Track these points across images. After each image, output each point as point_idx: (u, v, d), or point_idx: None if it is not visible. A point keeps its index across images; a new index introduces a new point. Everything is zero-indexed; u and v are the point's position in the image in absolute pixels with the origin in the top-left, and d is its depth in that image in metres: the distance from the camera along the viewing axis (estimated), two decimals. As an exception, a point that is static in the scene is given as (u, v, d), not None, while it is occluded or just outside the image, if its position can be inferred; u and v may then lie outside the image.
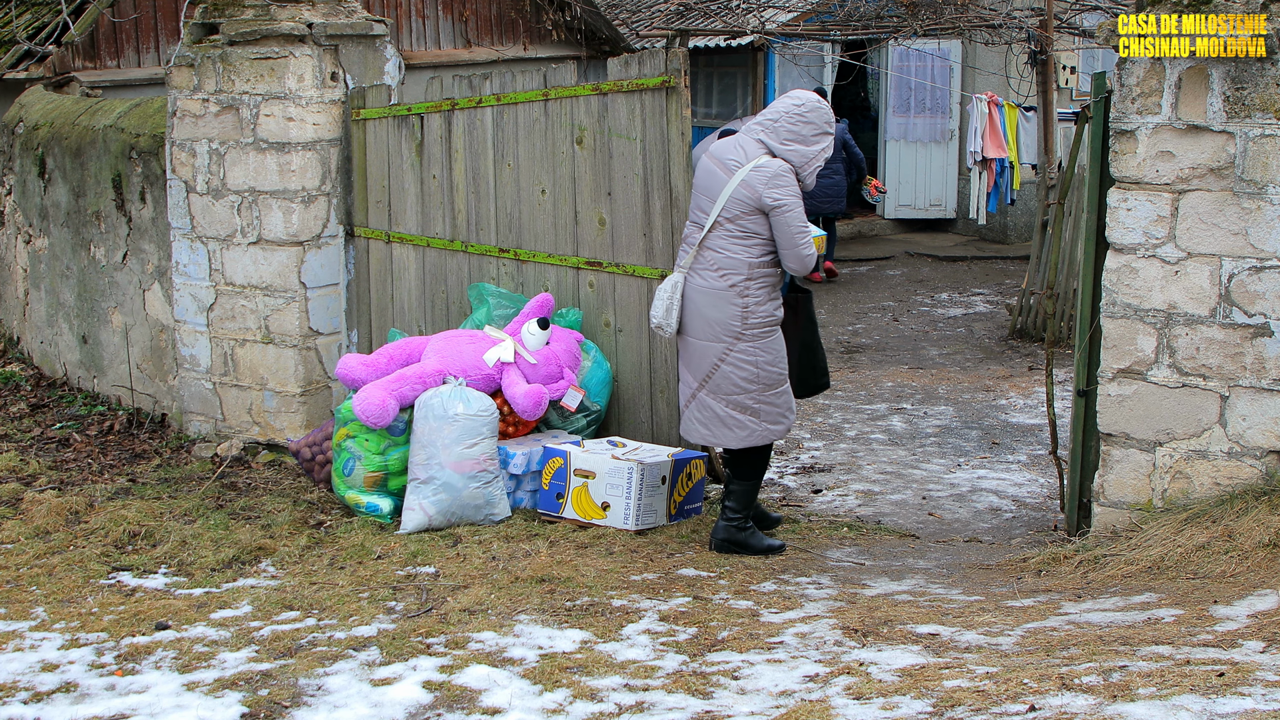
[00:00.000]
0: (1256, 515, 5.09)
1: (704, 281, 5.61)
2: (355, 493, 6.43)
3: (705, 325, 5.63)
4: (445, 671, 4.34)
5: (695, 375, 5.71)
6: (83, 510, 6.44)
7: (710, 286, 5.61)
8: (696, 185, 5.73)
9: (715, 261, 5.60)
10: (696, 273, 5.64)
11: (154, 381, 8.08)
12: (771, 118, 5.66)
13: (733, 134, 5.81)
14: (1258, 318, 5.29)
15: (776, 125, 5.63)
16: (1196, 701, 3.49)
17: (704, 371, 5.68)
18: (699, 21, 15.95)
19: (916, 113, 16.76)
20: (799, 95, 5.77)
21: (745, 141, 5.64)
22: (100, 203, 8.22)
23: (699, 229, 5.64)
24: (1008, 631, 4.53)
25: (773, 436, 5.78)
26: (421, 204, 7.40)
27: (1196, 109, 5.33)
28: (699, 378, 5.70)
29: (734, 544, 5.89)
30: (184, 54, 7.52)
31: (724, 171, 5.59)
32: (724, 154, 5.65)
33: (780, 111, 5.67)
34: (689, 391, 5.75)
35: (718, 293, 5.60)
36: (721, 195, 5.54)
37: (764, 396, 5.69)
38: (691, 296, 5.65)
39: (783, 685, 4.09)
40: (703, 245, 5.60)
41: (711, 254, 5.60)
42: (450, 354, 6.58)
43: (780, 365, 5.75)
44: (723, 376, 5.65)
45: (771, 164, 5.55)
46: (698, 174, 5.74)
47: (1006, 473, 7.69)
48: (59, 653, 4.71)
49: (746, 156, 5.58)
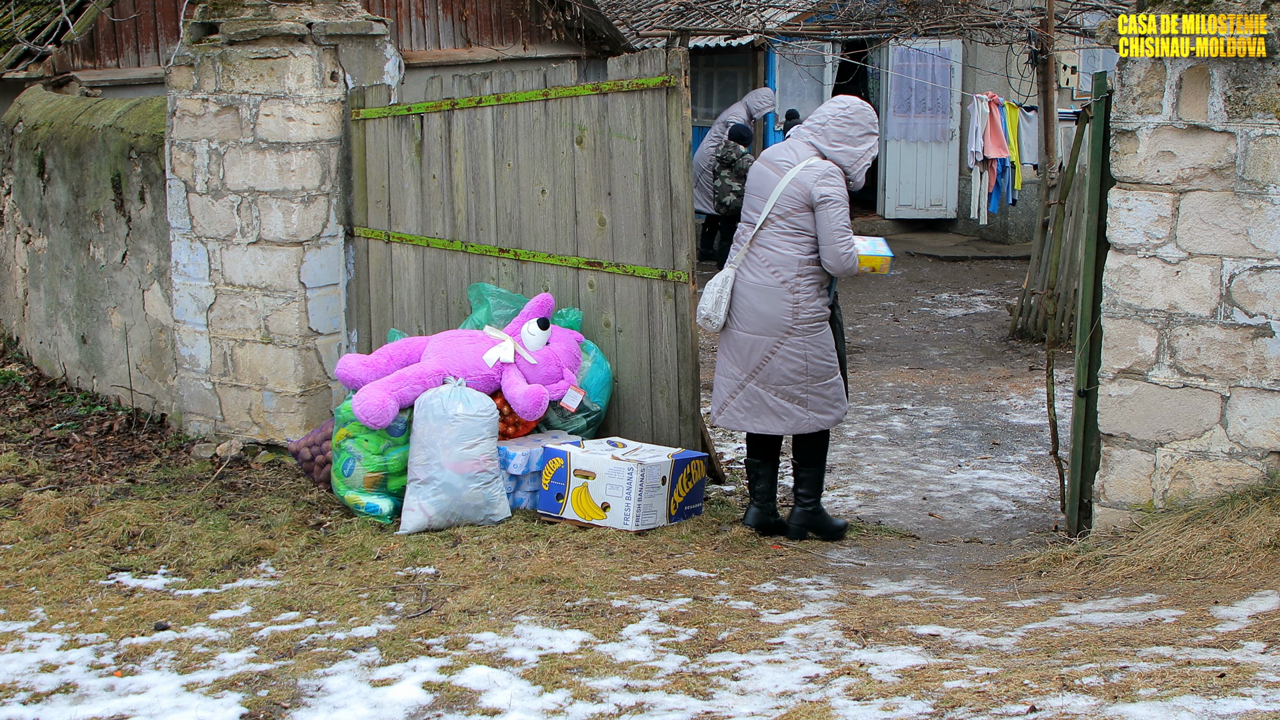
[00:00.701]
0: (1257, 516, 5.09)
1: (755, 278, 5.86)
2: (355, 493, 6.42)
3: (757, 319, 5.87)
4: (445, 672, 4.34)
5: (743, 367, 5.94)
6: (82, 511, 6.43)
7: (762, 282, 5.85)
8: (749, 187, 5.99)
9: (767, 258, 5.84)
10: (748, 269, 5.88)
11: (153, 382, 8.07)
12: (820, 121, 5.95)
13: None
14: (1259, 318, 5.29)
15: (825, 128, 5.92)
16: (1197, 702, 3.49)
17: (754, 363, 5.91)
18: (699, 21, 15.94)
19: (917, 113, 16.76)
20: (844, 100, 6.06)
21: (796, 144, 5.93)
22: (99, 203, 8.21)
23: (751, 227, 5.87)
24: (1008, 632, 4.52)
25: (820, 425, 6.01)
26: (421, 204, 7.40)
27: (1197, 109, 5.32)
28: (748, 370, 5.93)
29: (811, 528, 6.19)
30: (183, 54, 7.51)
31: (775, 172, 5.86)
32: (775, 156, 5.94)
33: (827, 115, 5.96)
34: (734, 383, 5.97)
35: (770, 288, 5.84)
36: (773, 193, 5.80)
37: (812, 388, 5.94)
38: (742, 292, 5.89)
39: (783, 686, 4.09)
40: (754, 242, 5.84)
41: (763, 251, 5.85)
42: (450, 354, 6.57)
43: (830, 358, 5.99)
44: (773, 369, 5.89)
45: (822, 164, 5.84)
46: (750, 176, 6.02)
47: (1007, 473, 7.68)
48: (58, 653, 4.71)
49: (798, 157, 5.87)
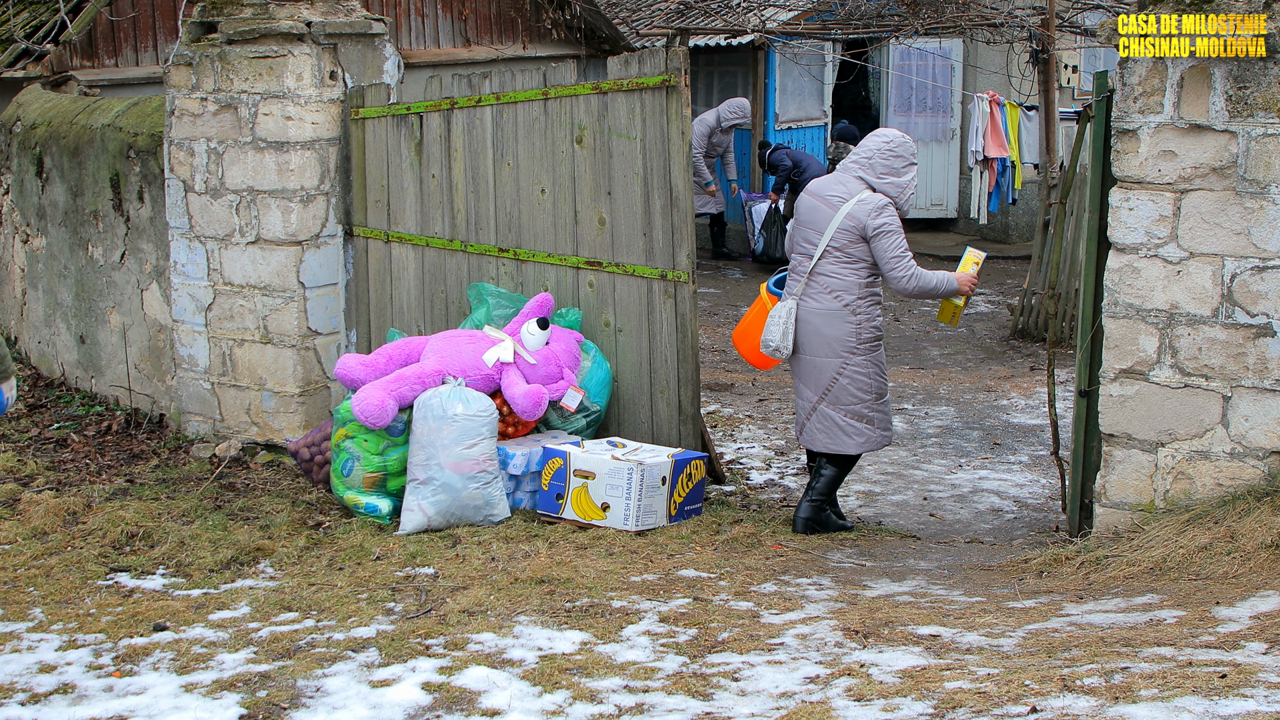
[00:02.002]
0: (1259, 516, 5.08)
1: (819, 304, 6.17)
2: (354, 493, 6.41)
3: (823, 343, 6.18)
4: (444, 673, 4.33)
5: (814, 390, 6.24)
6: (80, 511, 6.42)
7: (826, 308, 6.16)
8: (801, 219, 6.26)
9: (829, 285, 6.16)
10: (810, 297, 6.19)
11: (152, 381, 8.06)
12: (866, 156, 6.23)
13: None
14: (1260, 318, 5.28)
15: (871, 162, 6.21)
16: (1199, 703, 3.48)
17: (823, 385, 6.22)
18: (699, 20, 15.93)
19: (918, 112, 16.74)
20: (887, 133, 6.34)
21: (845, 179, 6.22)
22: (98, 202, 8.20)
23: (808, 258, 6.18)
24: (1009, 633, 4.51)
25: (885, 442, 6.39)
26: (421, 203, 7.39)
27: (1199, 108, 5.31)
28: (818, 391, 6.23)
29: (816, 523, 6.31)
30: (182, 53, 7.50)
31: (828, 207, 6.16)
32: (826, 190, 6.21)
33: (873, 149, 6.24)
34: (809, 405, 6.28)
35: (833, 313, 6.15)
36: (829, 227, 6.11)
37: (876, 406, 6.28)
38: (807, 319, 6.20)
39: (783, 687, 4.08)
40: (814, 273, 6.17)
41: (824, 279, 6.17)
42: (449, 354, 6.56)
43: (884, 376, 6.36)
44: (841, 389, 6.20)
45: (872, 198, 6.14)
46: (801, 209, 6.28)
47: (1008, 473, 7.67)
48: (57, 654, 4.71)
49: (849, 192, 6.16)
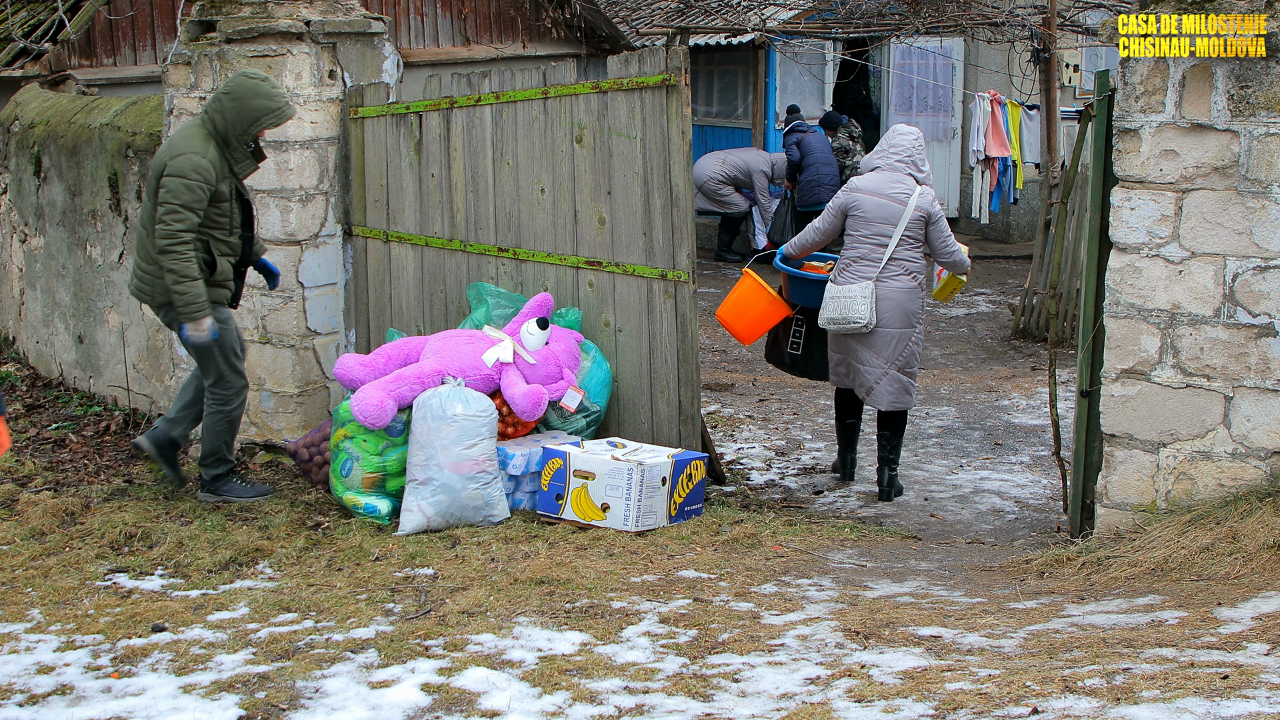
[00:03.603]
0: (1261, 517, 5.07)
1: (900, 284, 6.95)
2: (353, 494, 6.40)
3: (904, 316, 6.96)
4: (444, 674, 4.33)
5: (887, 358, 6.96)
6: (79, 511, 6.41)
7: (905, 286, 6.97)
8: (869, 215, 6.98)
9: (905, 267, 6.97)
10: (891, 278, 6.94)
11: (150, 382, 8.04)
12: (906, 155, 7.09)
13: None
14: (1262, 318, 5.27)
15: (912, 158, 7.10)
16: (1200, 704, 3.48)
17: (898, 352, 6.97)
18: (699, 19, 15.92)
19: (919, 111, 16.72)
20: (908, 130, 7.22)
21: (898, 177, 7.04)
22: (96, 202, 8.19)
23: (882, 247, 6.94)
24: (1010, 634, 4.50)
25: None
26: (420, 203, 7.37)
27: (1200, 107, 5.30)
28: (891, 359, 6.97)
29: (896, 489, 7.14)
30: (181, 52, 7.48)
31: (896, 203, 6.98)
32: (887, 189, 7.01)
33: (909, 147, 7.11)
34: (879, 372, 6.98)
35: (912, 290, 6.99)
36: (903, 219, 6.94)
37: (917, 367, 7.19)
38: (889, 296, 6.93)
39: (784, 688, 4.07)
40: (891, 258, 6.94)
41: (901, 262, 6.97)
42: (449, 354, 6.55)
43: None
44: (910, 354, 7.02)
45: (927, 190, 7.07)
46: (866, 206, 7.00)
47: (1009, 474, 7.66)
48: (55, 655, 4.70)
49: (908, 188, 7.00)
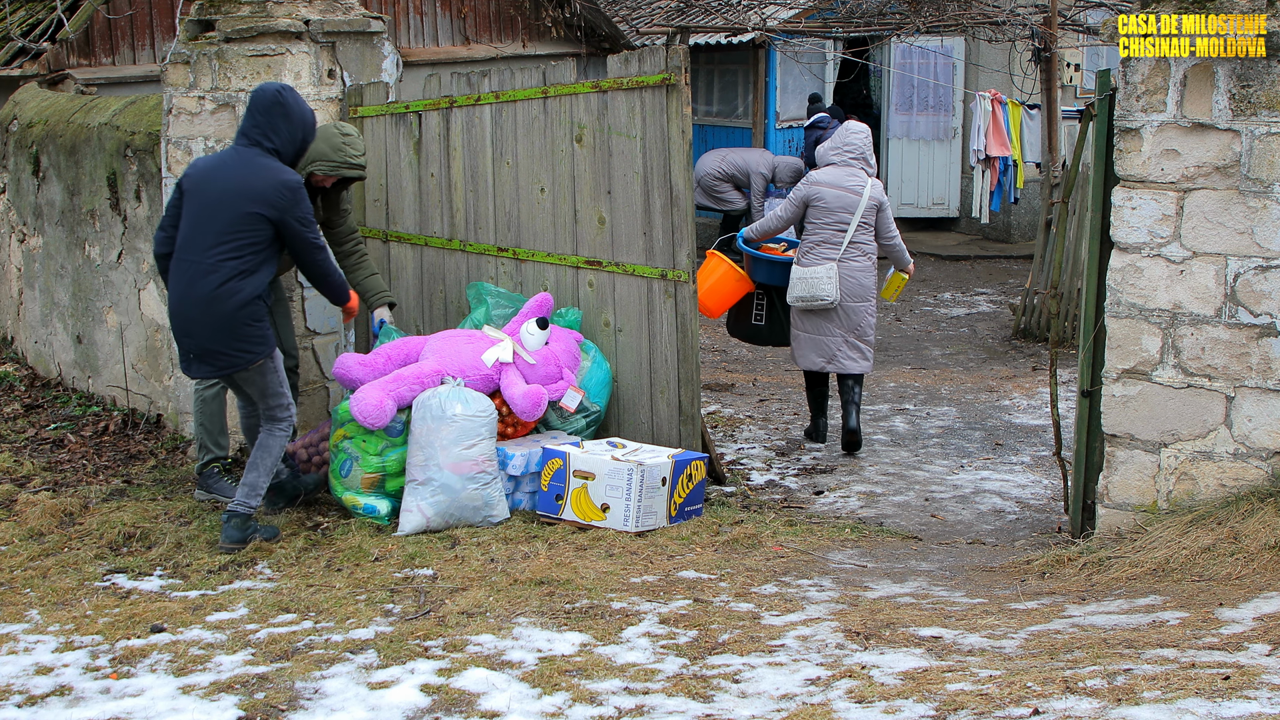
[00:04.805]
0: (1262, 517, 5.06)
1: (859, 264, 7.95)
2: (352, 494, 6.38)
3: (862, 290, 7.95)
4: (443, 674, 4.32)
5: (847, 329, 7.95)
6: (77, 512, 6.40)
7: (864, 266, 7.97)
8: (830, 205, 7.90)
9: (862, 249, 7.96)
10: (850, 260, 7.92)
11: (149, 382, 8.03)
12: (860, 150, 8.03)
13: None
14: (1264, 317, 5.25)
15: (863, 154, 8.04)
16: (1202, 705, 3.47)
17: (856, 323, 7.96)
18: (700, 18, 15.91)
19: (919, 110, 16.71)
20: (858, 126, 8.15)
21: (853, 171, 7.99)
22: (95, 201, 8.17)
23: (842, 232, 7.89)
24: (1011, 634, 4.49)
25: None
26: (419, 203, 7.36)
27: (1202, 107, 5.28)
28: (850, 329, 7.95)
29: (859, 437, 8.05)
30: (180, 51, 7.46)
31: (853, 194, 7.92)
32: (844, 181, 7.96)
33: (859, 145, 8.04)
34: (839, 340, 7.95)
35: (868, 269, 7.99)
36: (859, 207, 7.90)
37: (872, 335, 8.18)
38: (850, 275, 7.92)
39: (784, 688, 4.07)
40: (851, 242, 7.90)
41: (859, 245, 7.95)
42: (448, 354, 6.54)
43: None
44: (866, 324, 8.01)
45: (876, 182, 8.06)
46: (828, 198, 7.92)
47: (1010, 474, 7.65)
48: (53, 656, 4.69)
49: (862, 180, 7.96)
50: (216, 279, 5.67)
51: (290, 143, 5.85)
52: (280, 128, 5.81)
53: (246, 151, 5.82)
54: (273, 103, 5.83)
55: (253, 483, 5.91)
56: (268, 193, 5.71)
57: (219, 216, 5.71)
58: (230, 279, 5.68)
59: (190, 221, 5.76)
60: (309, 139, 5.94)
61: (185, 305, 5.75)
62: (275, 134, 5.81)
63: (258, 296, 5.74)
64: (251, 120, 5.84)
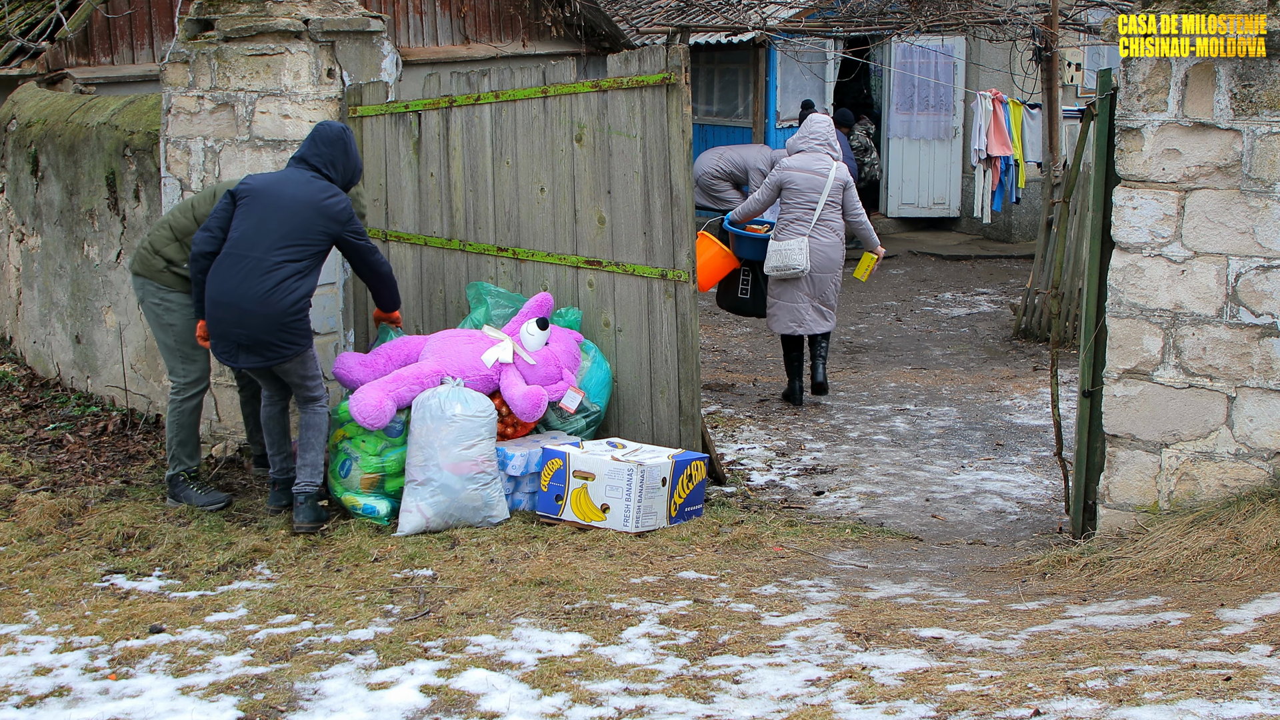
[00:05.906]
0: (1264, 517, 5.06)
1: (827, 239, 8.98)
2: (352, 494, 6.38)
3: (830, 263, 9.01)
4: (443, 675, 4.32)
5: (815, 296, 9.01)
6: (76, 512, 6.39)
7: (833, 241, 9.01)
8: (800, 187, 8.94)
9: (831, 226, 8.99)
10: (819, 235, 8.94)
11: (148, 382, 8.02)
12: (824, 138, 9.05)
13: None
14: (1265, 317, 5.24)
15: (828, 141, 9.05)
16: (1203, 706, 3.47)
17: (822, 291, 9.02)
18: (700, 18, 15.90)
19: (920, 110, 16.69)
20: (822, 119, 9.18)
21: (820, 156, 9.01)
22: (94, 201, 8.16)
23: (812, 210, 8.91)
24: (1012, 635, 4.49)
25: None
26: (419, 202, 7.35)
27: (1203, 106, 5.28)
28: (816, 295, 9.01)
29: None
30: (179, 50, 7.46)
31: (820, 175, 8.94)
32: (814, 166, 8.98)
33: (824, 133, 9.07)
34: (808, 305, 9.00)
35: (836, 244, 9.03)
36: (826, 189, 8.91)
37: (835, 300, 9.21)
38: (819, 249, 8.94)
39: (784, 689, 4.06)
40: (819, 219, 8.92)
41: (827, 221, 8.97)
42: (448, 354, 6.53)
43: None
44: (831, 292, 9.08)
45: (842, 165, 9.06)
46: (798, 181, 8.95)
47: (1011, 474, 7.63)
48: (52, 656, 4.69)
49: (828, 164, 8.97)
50: (277, 277, 6.12)
51: (344, 176, 6.42)
52: (339, 162, 6.38)
53: (309, 173, 6.34)
54: (337, 138, 6.39)
55: (313, 462, 6.34)
56: (332, 211, 6.27)
57: (287, 222, 6.19)
58: (289, 278, 6.14)
59: (253, 223, 6.20)
60: (353, 182, 6.52)
61: (239, 298, 6.13)
62: (334, 167, 6.36)
63: (307, 295, 6.23)
64: (314, 149, 6.36)
